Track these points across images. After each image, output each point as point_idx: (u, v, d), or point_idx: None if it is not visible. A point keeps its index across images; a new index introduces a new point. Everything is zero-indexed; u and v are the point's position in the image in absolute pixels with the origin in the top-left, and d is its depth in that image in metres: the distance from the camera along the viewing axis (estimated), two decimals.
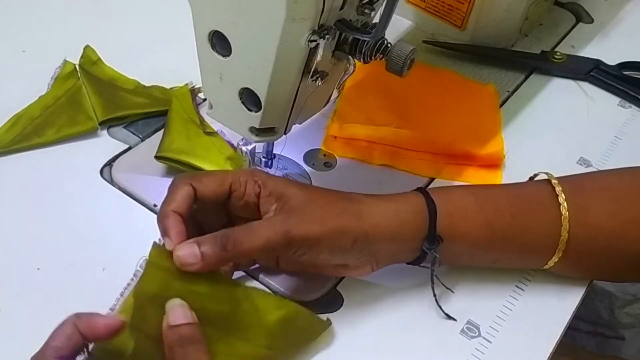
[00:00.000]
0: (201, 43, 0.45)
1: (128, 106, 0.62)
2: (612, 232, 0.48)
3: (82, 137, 0.59)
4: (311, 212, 0.44)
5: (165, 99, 0.63)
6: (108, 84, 0.64)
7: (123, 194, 0.55)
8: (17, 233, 0.52)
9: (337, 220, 0.44)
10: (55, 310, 0.47)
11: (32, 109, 0.60)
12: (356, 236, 0.44)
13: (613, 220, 0.48)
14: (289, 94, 0.46)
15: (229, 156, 0.57)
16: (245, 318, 0.42)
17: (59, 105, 0.61)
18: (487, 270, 0.52)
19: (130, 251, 0.51)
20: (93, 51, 0.66)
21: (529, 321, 0.49)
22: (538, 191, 0.50)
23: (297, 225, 0.43)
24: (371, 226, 0.45)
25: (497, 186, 0.56)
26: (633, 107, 0.69)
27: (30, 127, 0.59)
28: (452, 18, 0.74)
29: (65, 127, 0.59)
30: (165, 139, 0.57)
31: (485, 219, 0.48)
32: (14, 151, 0.57)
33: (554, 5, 0.81)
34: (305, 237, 0.43)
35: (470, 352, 0.47)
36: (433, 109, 0.65)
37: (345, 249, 0.44)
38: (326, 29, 0.42)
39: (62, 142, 0.59)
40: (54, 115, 0.60)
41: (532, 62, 0.73)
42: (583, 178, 0.52)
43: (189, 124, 0.59)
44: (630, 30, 0.80)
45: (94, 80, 0.64)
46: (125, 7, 0.75)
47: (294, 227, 0.43)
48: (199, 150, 0.57)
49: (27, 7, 0.73)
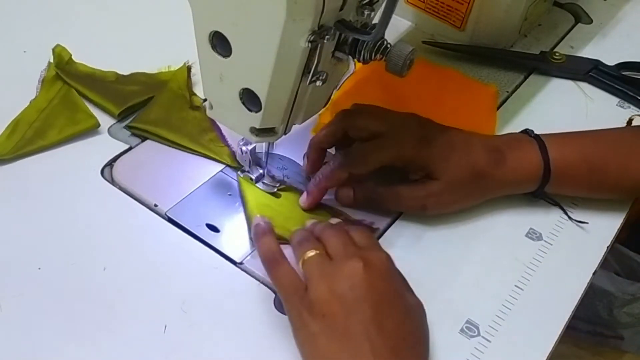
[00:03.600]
0: (201, 43, 0.45)
1: (128, 96, 0.63)
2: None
3: (83, 137, 0.59)
4: (448, 194, 0.53)
5: (154, 83, 0.64)
6: (93, 79, 0.65)
7: (124, 194, 0.55)
8: (18, 233, 0.52)
9: (469, 202, 0.55)
10: (56, 310, 0.47)
11: (28, 114, 0.60)
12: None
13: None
14: (289, 94, 0.46)
15: (205, 128, 0.59)
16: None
17: (54, 107, 0.61)
18: (486, 270, 0.53)
19: (130, 251, 0.51)
20: (64, 49, 0.66)
21: (528, 320, 0.49)
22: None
23: (434, 206, 0.53)
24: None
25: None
26: (632, 107, 0.69)
27: (30, 131, 0.59)
28: (451, 18, 0.74)
29: (67, 127, 0.59)
30: (144, 111, 0.60)
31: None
32: (20, 156, 0.57)
33: (553, 5, 0.82)
34: (438, 212, 0.54)
35: (470, 352, 0.47)
36: (430, 106, 0.65)
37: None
38: (326, 29, 0.42)
39: (64, 143, 0.59)
40: (52, 117, 0.60)
41: (531, 62, 0.73)
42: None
43: (178, 99, 0.61)
44: (629, 30, 0.80)
45: (79, 78, 0.64)
46: (126, 8, 0.75)
47: (431, 207, 0.53)
48: (175, 121, 0.59)
49: (27, 6, 0.74)
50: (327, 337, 0.41)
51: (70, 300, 0.48)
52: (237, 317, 0.47)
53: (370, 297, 0.42)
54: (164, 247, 0.52)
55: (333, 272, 0.43)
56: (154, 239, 0.52)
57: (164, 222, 0.53)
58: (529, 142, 0.55)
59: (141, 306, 0.48)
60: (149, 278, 0.50)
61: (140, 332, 0.46)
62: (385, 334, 0.41)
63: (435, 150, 0.53)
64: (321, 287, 0.43)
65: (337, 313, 0.41)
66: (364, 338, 0.40)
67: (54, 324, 0.47)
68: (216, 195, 0.56)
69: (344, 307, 0.41)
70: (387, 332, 0.41)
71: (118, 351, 0.45)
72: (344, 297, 0.42)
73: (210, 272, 0.50)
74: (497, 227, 0.56)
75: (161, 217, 0.54)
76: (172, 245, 0.52)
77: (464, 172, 0.53)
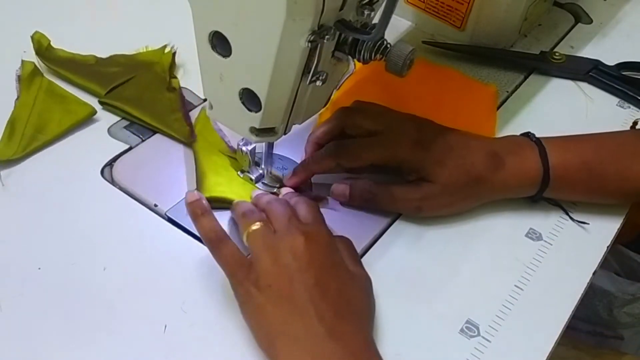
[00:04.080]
0: (201, 43, 0.45)
1: (111, 78, 0.64)
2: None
3: (83, 137, 0.59)
4: (443, 196, 0.53)
5: (134, 64, 0.66)
6: (74, 63, 0.65)
7: (123, 194, 0.55)
8: (17, 233, 0.52)
9: (465, 206, 0.55)
10: (55, 310, 0.47)
11: (19, 113, 0.60)
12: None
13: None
14: (288, 94, 0.46)
15: (174, 109, 0.61)
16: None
17: (43, 102, 0.61)
18: (486, 270, 0.53)
19: (130, 251, 0.51)
20: (43, 36, 0.67)
21: (528, 320, 0.49)
22: None
23: (429, 209, 0.54)
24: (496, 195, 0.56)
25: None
26: (632, 108, 0.69)
27: (29, 128, 0.59)
28: (451, 18, 0.74)
29: (65, 118, 0.60)
30: (118, 89, 0.63)
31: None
32: (28, 155, 0.57)
33: (553, 5, 0.82)
34: (433, 215, 0.55)
35: (470, 352, 0.47)
36: (430, 106, 0.65)
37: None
38: (326, 29, 0.42)
39: (63, 141, 0.59)
40: (45, 112, 0.60)
41: (531, 62, 0.73)
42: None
43: (157, 81, 0.64)
44: (629, 30, 0.80)
45: (61, 63, 0.65)
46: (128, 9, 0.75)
47: (426, 210, 0.54)
48: (147, 101, 0.62)
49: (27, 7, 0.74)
50: (274, 305, 0.43)
51: (70, 300, 0.48)
52: (237, 317, 0.47)
53: (312, 266, 0.44)
54: (164, 247, 0.52)
55: (276, 245, 0.45)
56: (154, 239, 0.52)
57: (164, 222, 0.53)
58: (529, 147, 0.55)
59: (141, 306, 0.48)
60: (149, 278, 0.50)
61: (140, 332, 0.46)
62: (329, 299, 0.43)
63: (430, 154, 0.53)
64: (266, 259, 0.45)
65: (282, 282, 0.44)
66: (308, 303, 0.43)
67: (54, 324, 0.47)
68: None
69: (288, 276, 0.44)
70: (330, 297, 0.43)
71: (118, 351, 0.45)
72: (288, 267, 0.44)
73: (210, 272, 0.50)
74: (497, 227, 0.56)
75: (161, 217, 0.54)
76: (172, 245, 0.52)
77: (460, 175, 0.53)
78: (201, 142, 0.59)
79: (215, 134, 0.60)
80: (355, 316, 0.44)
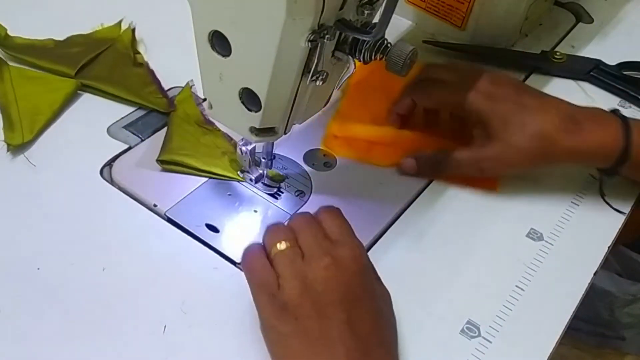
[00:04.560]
0: (201, 43, 0.45)
1: (77, 57, 0.64)
2: None
3: (83, 137, 0.59)
4: (505, 156, 0.54)
5: (93, 42, 0.67)
6: (35, 49, 0.65)
7: (123, 194, 0.55)
8: (17, 233, 0.52)
9: (529, 167, 0.55)
10: (55, 310, 0.47)
11: (5, 102, 0.60)
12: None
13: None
14: (288, 94, 0.46)
15: (146, 82, 0.63)
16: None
17: (21, 87, 0.61)
18: (487, 270, 0.52)
19: (130, 251, 0.51)
20: (0, 25, 0.67)
21: (529, 321, 0.49)
22: None
23: (491, 169, 0.55)
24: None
25: None
26: (633, 107, 0.69)
27: (24, 113, 0.59)
28: (452, 18, 0.74)
29: (53, 97, 0.61)
30: (86, 68, 0.63)
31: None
32: (37, 137, 0.58)
33: (554, 5, 0.82)
34: (496, 174, 0.56)
35: (470, 352, 0.47)
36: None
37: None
38: (326, 28, 0.42)
39: (63, 141, 0.59)
40: (29, 95, 0.61)
41: (532, 62, 0.73)
42: None
43: (122, 58, 0.65)
44: (630, 30, 0.80)
45: (23, 50, 0.65)
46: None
47: (487, 170, 0.55)
48: (117, 77, 0.63)
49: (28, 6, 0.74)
50: (300, 340, 0.41)
51: (69, 301, 0.48)
52: (237, 317, 0.47)
53: (343, 300, 0.41)
54: (163, 247, 0.52)
55: (305, 272, 0.42)
56: (154, 239, 0.52)
57: (164, 222, 0.53)
58: (613, 119, 0.54)
59: (141, 306, 0.48)
60: (149, 278, 0.50)
61: (140, 332, 0.46)
62: (360, 336, 0.41)
63: (499, 108, 0.53)
64: (294, 288, 0.42)
65: (311, 316, 0.41)
66: (338, 342, 0.40)
67: (53, 325, 0.46)
68: (216, 195, 0.56)
69: (317, 310, 0.41)
70: (360, 334, 0.41)
71: (118, 351, 0.45)
72: (317, 300, 0.41)
73: (210, 272, 0.50)
74: (498, 227, 0.56)
75: (161, 217, 0.54)
76: (171, 245, 0.52)
77: (526, 134, 0.52)
78: (179, 112, 0.61)
79: (194, 107, 0.61)
80: (383, 348, 0.42)
